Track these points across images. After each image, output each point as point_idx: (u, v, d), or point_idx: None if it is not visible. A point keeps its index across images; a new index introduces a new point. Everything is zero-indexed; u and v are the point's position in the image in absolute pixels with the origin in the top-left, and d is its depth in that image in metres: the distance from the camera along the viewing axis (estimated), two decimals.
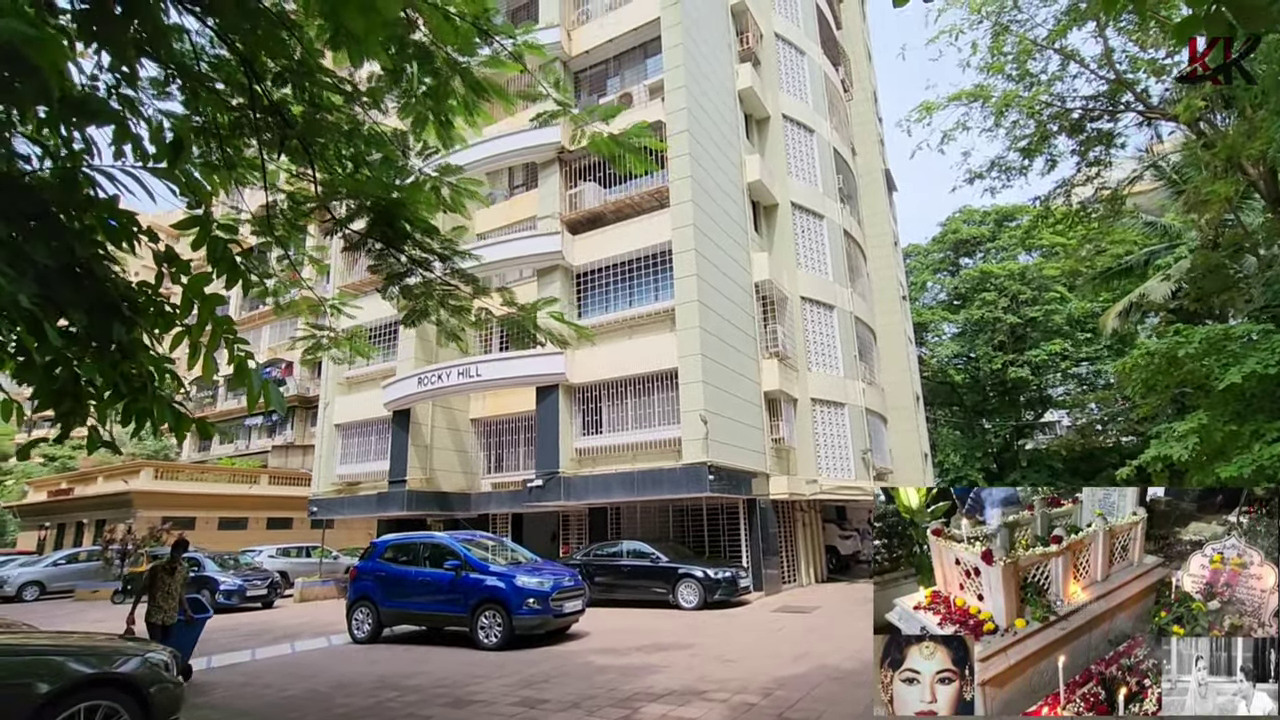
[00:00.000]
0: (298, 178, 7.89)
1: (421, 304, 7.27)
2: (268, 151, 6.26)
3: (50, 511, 31.06)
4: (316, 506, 19.89)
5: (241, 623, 14.01)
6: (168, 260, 4.18)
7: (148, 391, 4.05)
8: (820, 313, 19.83)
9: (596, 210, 16.93)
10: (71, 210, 3.95)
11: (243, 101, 5.87)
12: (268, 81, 5.74)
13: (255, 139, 6.07)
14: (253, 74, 5.62)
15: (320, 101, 6.12)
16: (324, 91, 6.06)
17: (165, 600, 7.53)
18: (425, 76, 5.94)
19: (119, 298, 4.12)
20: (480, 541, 11.50)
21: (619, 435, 15.52)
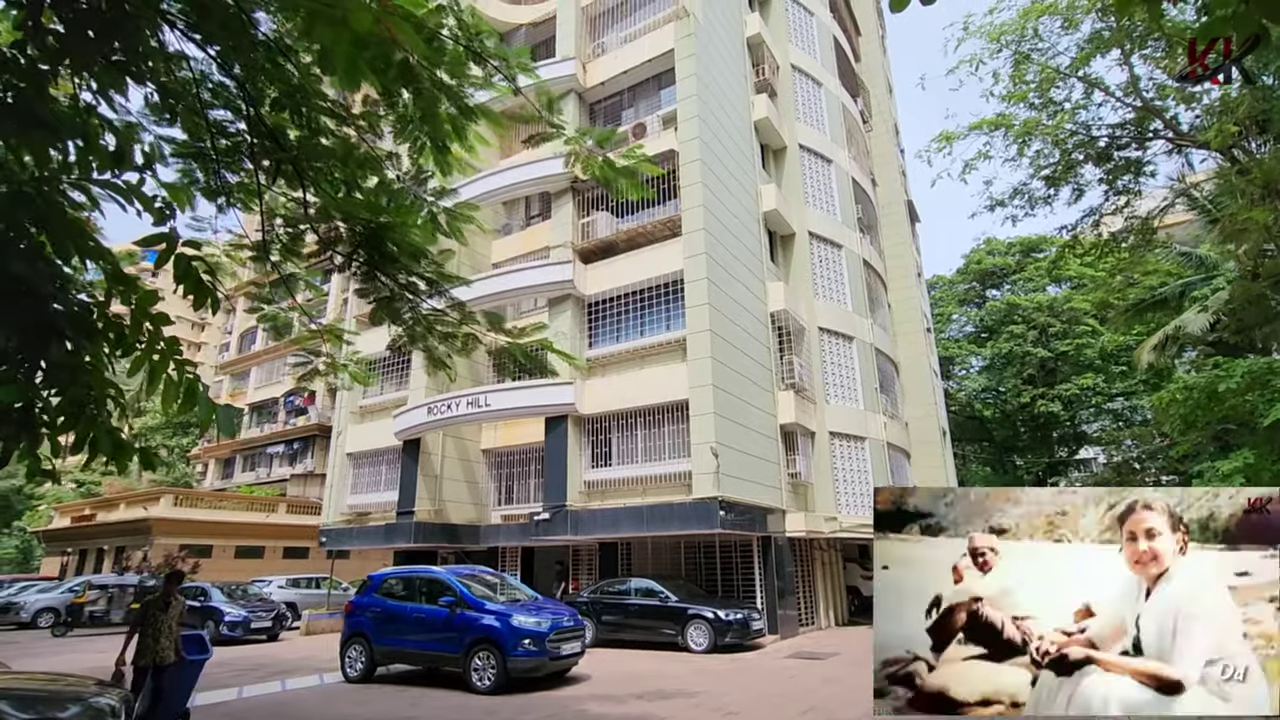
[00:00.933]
0: (293, 202, 7.76)
1: (410, 330, 7.05)
2: (264, 176, 6.17)
3: (73, 537, 31.39)
4: (326, 537, 19.69)
5: (241, 656, 13.71)
6: (115, 279, 4.01)
7: (88, 417, 3.84)
8: (839, 344, 19.35)
9: (609, 239, 16.82)
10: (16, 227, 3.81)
11: (241, 127, 5.82)
12: (265, 106, 5.68)
13: (252, 163, 6.00)
14: (250, 99, 5.55)
15: (316, 126, 6.02)
16: (319, 115, 5.96)
17: (156, 639, 6.65)
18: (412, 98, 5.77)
19: (65, 318, 3.94)
20: (480, 577, 11.11)
21: (628, 468, 15.11)
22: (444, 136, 6.03)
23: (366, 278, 6.70)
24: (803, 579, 17.10)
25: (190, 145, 5.81)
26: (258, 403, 40.09)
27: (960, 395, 40.31)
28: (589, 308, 16.82)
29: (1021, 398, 34.28)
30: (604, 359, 16.22)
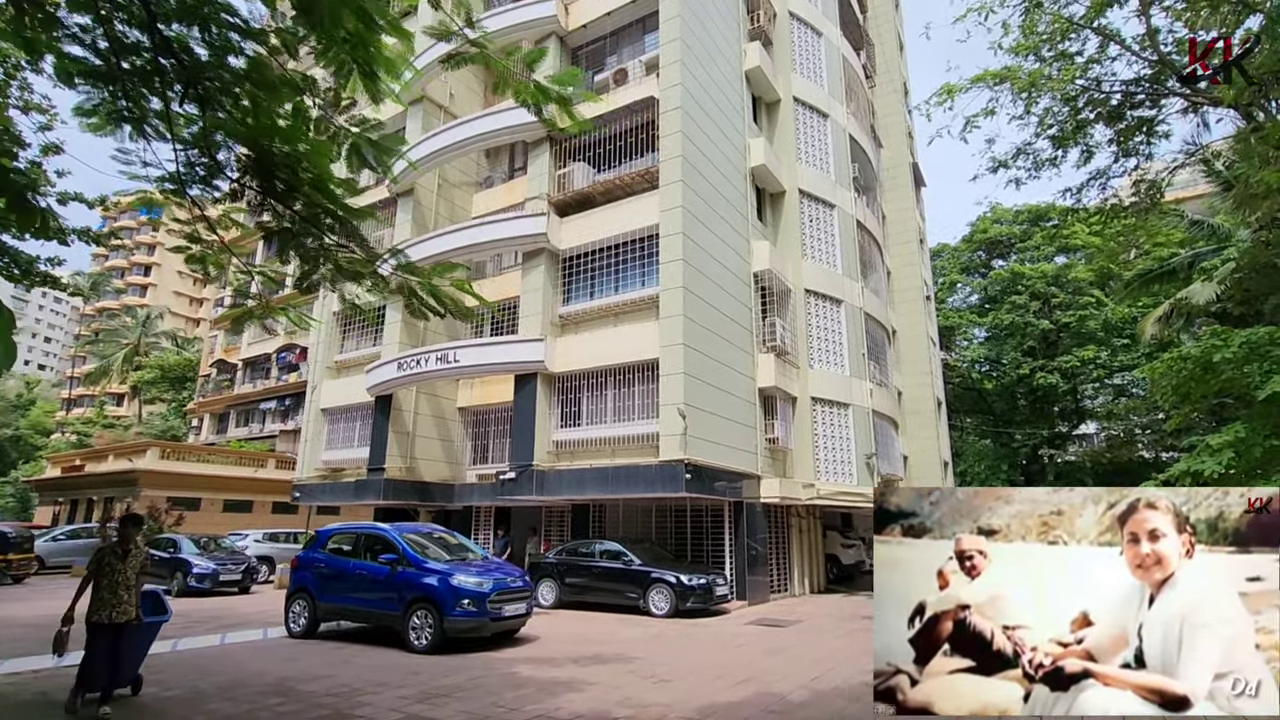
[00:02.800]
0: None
1: (314, 266, 6.52)
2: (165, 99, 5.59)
3: (64, 488, 31.58)
4: (299, 492, 19.52)
5: (200, 608, 13.60)
6: None
7: None
8: (826, 307, 18.70)
9: (585, 191, 16.12)
10: None
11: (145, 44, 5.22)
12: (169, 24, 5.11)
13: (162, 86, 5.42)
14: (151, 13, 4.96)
15: (225, 44, 5.41)
16: (227, 32, 5.33)
17: (113, 592, 5.89)
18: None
19: None
20: (430, 535, 10.79)
21: (598, 429, 14.69)
22: (367, 59, 5.44)
23: (260, 208, 6.15)
24: (777, 546, 16.77)
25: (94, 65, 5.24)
26: (251, 358, 39.88)
27: (960, 366, 39.59)
28: (564, 262, 16.21)
29: (1021, 369, 33.58)
30: (577, 316, 15.69)
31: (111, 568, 5.95)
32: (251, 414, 39.50)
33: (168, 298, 70.02)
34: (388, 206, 20.37)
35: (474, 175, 20.99)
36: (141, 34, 5.16)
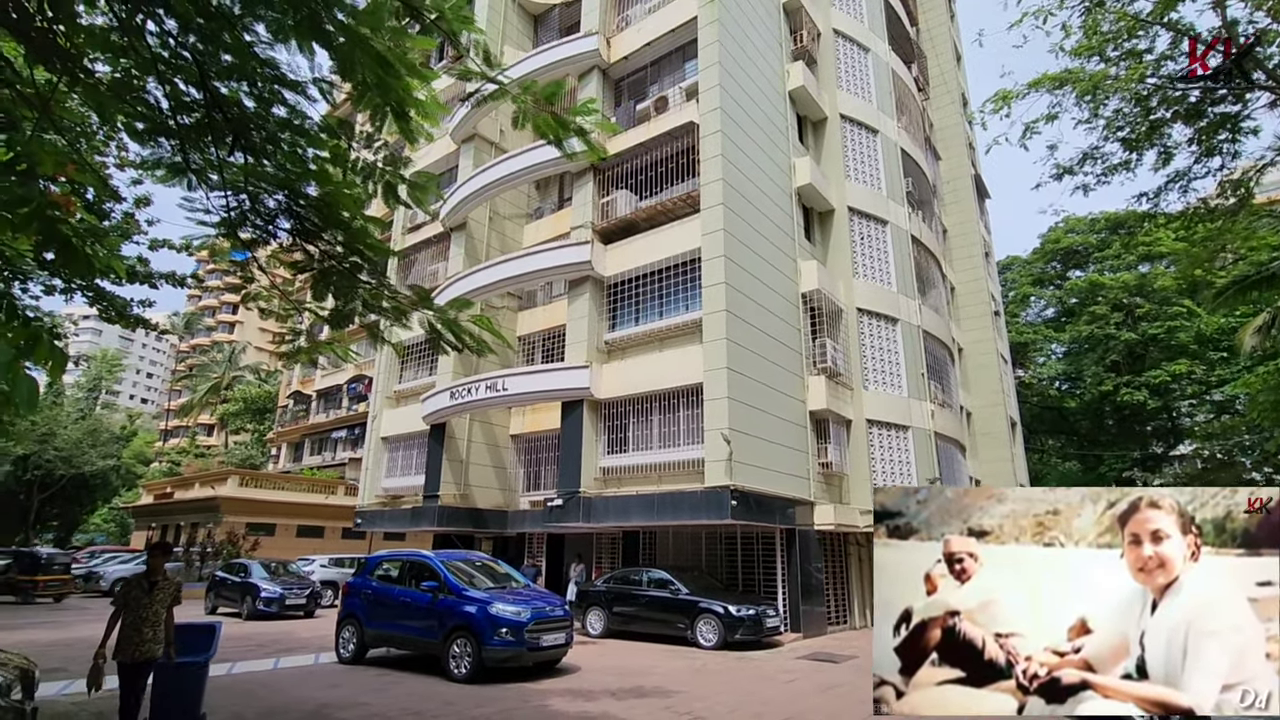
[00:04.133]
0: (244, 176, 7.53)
1: (345, 304, 6.75)
2: (222, 151, 6.00)
3: (157, 513, 33.76)
4: (361, 518, 20.16)
5: (264, 632, 14.12)
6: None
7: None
8: (880, 326, 18.07)
9: (628, 218, 16.23)
10: None
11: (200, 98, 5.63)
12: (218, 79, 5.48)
13: (213, 137, 5.82)
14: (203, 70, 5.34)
15: (269, 96, 5.77)
16: (271, 85, 5.68)
17: (136, 629, 5.38)
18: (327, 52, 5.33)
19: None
20: (474, 563, 10.88)
21: (644, 455, 14.57)
22: (398, 101, 5.67)
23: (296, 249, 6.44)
24: (835, 575, 16.11)
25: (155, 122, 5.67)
26: (324, 389, 41.87)
27: (1037, 384, 37.45)
28: (608, 289, 16.32)
29: (1104, 386, 31.42)
30: (622, 342, 15.71)
31: (137, 602, 5.45)
32: (324, 442, 41.33)
33: (252, 333, 74.66)
34: (442, 241, 21.13)
35: (524, 207, 21.54)
36: (196, 91, 5.55)
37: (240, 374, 54.92)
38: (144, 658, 5.40)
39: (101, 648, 5.25)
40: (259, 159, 6.23)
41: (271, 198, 6.78)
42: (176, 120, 5.87)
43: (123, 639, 5.37)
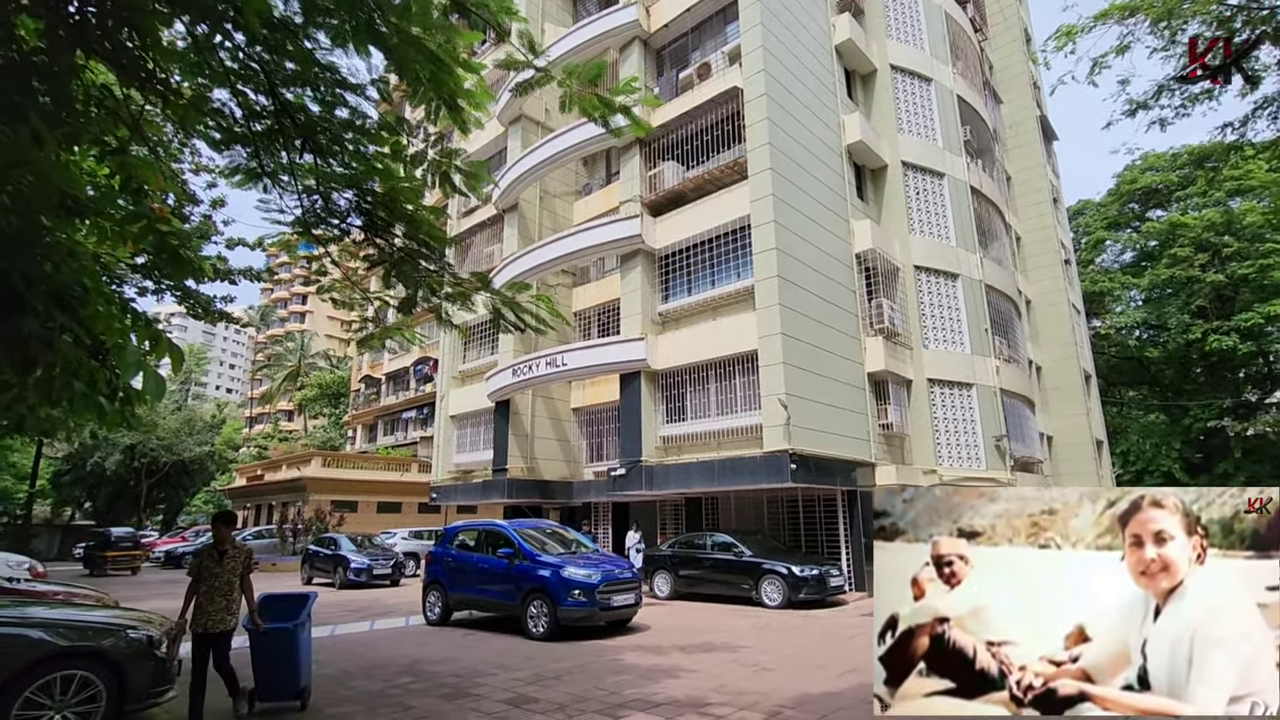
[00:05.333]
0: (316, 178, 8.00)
1: (415, 292, 7.21)
2: (291, 154, 6.49)
3: (250, 494, 36.32)
4: (436, 493, 21.26)
5: (356, 599, 15.25)
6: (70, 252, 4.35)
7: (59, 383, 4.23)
8: (939, 283, 17.62)
9: (676, 189, 16.27)
10: None
11: (270, 106, 6.11)
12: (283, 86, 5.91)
13: (283, 142, 6.31)
14: (270, 79, 5.79)
15: (332, 98, 6.20)
16: (333, 88, 6.10)
17: (210, 599, 5.38)
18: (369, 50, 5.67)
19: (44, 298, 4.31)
20: (545, 530, 11.47)
21: (701, 423, 14.83)
22: (450, 94, 6.00)
23: (368, 244, 6.90)
24: None
25: (230, 131, 6.20)
26: (392, 372, 43.71)
27: (1115, 334, 35.62)
28: (660, 261, 16.47)
29: (1190, 333, 29.63)
30: (676, 312, 15.90)
31: (209, 572, 5.44)
32: (395, 423, 43.31)
33: (322, 322, 78.18)
34: (496, 223, 21.65)
35: (573, 184, 21.79)
36: (266, 99, 6.01)
37: (313, 361, 57.84)
38: (215, 629, 5.36)
39: (181, 617, 5.35)
40: (326, 159, 6.69)
41: (341, 196, 7.27)
42: (249, 128, 6.38)
43: (197, 609, 5.39)
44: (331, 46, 6.00)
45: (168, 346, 4.96)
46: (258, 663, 5.75)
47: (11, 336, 4.07)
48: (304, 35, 5.67)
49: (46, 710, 4.69)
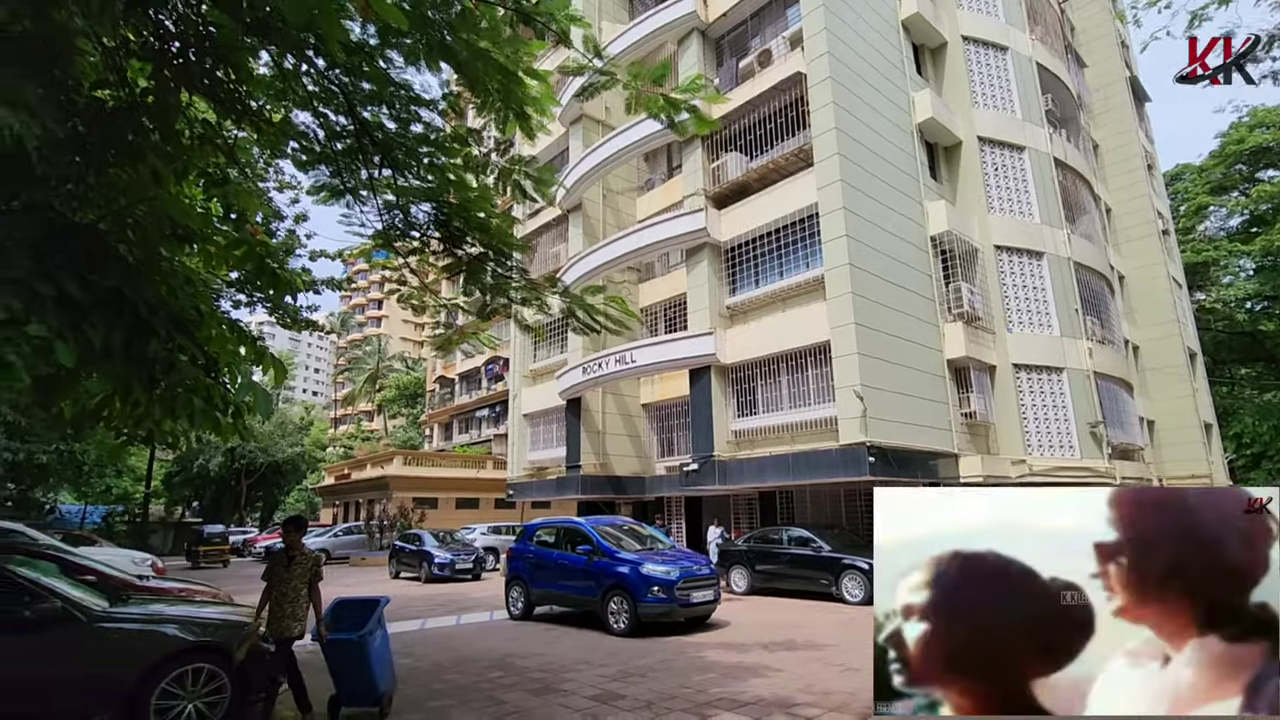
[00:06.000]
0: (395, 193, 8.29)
1: (491, 297, 7.40)
2: (370, 170, 6.81)
3: (338, 492, 38.31)
4: (512, 489, 21.83)
5: (441, 593, 15.86)
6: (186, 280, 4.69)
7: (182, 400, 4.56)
8: (1023, 263, 16.72)
9: (740, 180, 16.05)
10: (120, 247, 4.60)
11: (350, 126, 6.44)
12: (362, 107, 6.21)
13: (363, 159, 6.64)
14: (349, 100, 6.10)
15: (407, 115, 6.47)
16: (408, 105, 6.36)
17: (279, 605, 5.28)
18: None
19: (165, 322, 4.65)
20: (621, 527, 11.60)
21: (774, 416, 14.63)
22: (518, 103, 6.15)
23: (447, 253, 7.13)
24: None
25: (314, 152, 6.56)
26: (465, 372, 45.13)
27: (1223, 308, 32.91)
28: (726, 254, 16.32)
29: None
30: (744, 305, 15.72)
31: (278, 577, 5.34)
32: (470, 422, 44.73)
33: (397, 326, 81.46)
34: (560, 224, 21.96)
35: (635, 181, 21.84)
36: (346, 119, 6.30)
37: (390, 364, 60.38)
38: (282, 635, 5.27)
39: (256, 619, 5.39)
40: (403, 174, 6.96)
41: (419, 209, 7.55)
42: (331, 148, 6.70)
43: (271, 615, 5.31)
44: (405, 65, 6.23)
45: (271, 361, 5.28)
46: (332, 669, 5.60)
47: (139, 358, 4.41)
48: (379, 56, 5.92)
49: (180, 700, 5.09)
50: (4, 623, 4.75)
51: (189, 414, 4.61)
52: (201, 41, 5.16)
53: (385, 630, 5.97)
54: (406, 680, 7.19)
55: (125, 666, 4.93)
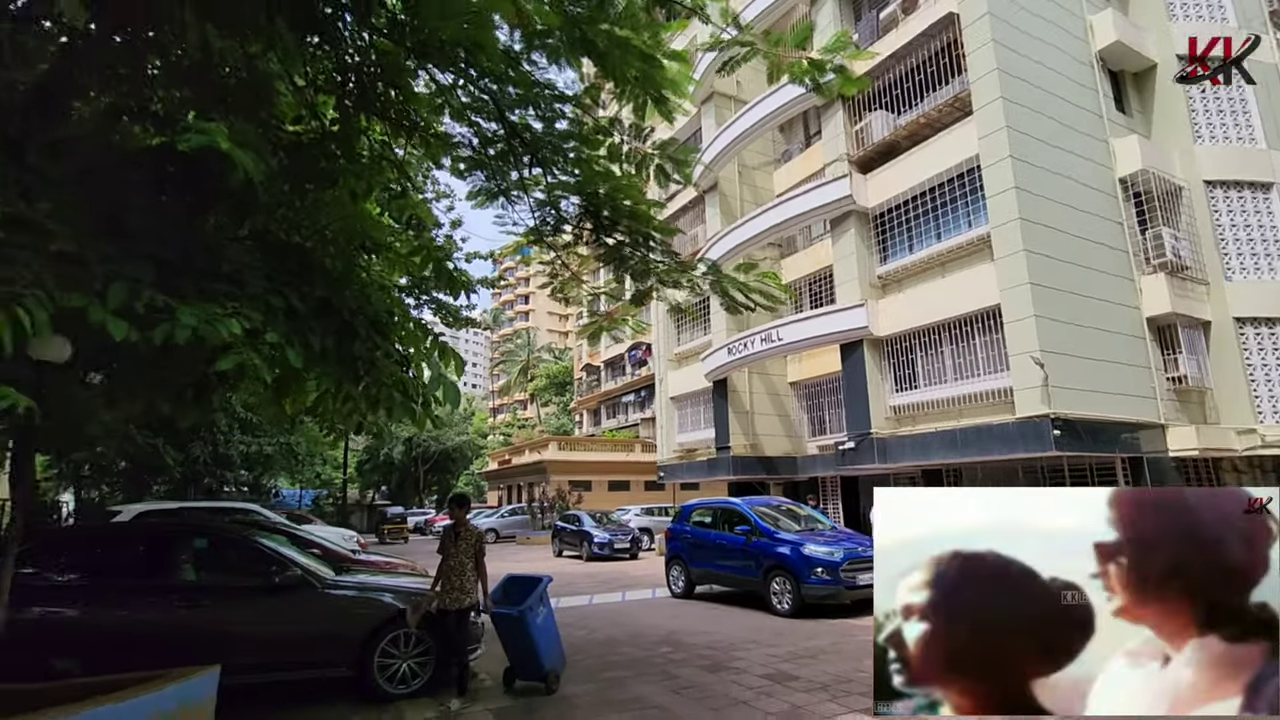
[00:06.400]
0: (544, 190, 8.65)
1: (642, 282, 7.51)
2: (521, 170, 7.25)
3: (501, 476, 41.26)
4: (663, 471, 22.25)
5: (603, 571, 16.58)
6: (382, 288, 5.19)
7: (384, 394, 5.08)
8: (1244, 198, 14.18)
9: (887, 140, 15.00)
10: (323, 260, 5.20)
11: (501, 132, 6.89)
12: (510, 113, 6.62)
13: (514, 161, 7.09)
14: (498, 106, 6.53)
15: (550, 114, 6.80)
16: (551, 103, 6.68)
17: (447, 578, 5.59)
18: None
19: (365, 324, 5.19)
20: (779, 508, 11.44)
21: (937, 389, 13.63)
22: (657, 88, 6.24)
23: (598, 244, 7.35)
24: None
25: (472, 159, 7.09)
26: (610, 359, 46.58)
27: None
28: (874, 220, 15.38)
29: None
30: (898, 273, 14.75)
31: (446, 552, 5.67)
32: (616, 407, 46.19)
33: (543, 318, 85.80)
34: (697, 205, 21.88)
35: (771, 154, 21.21)
36: (497, 125, 6.66)
37: (539, 355, 63.81)
38: (449, 607, 5.54)
39: (431, 589, 5.72)
40: (551, 170, 7.24)
41: (568, 203, 7.83)
42: (485, 153, 7.10)
43: (441, 587, 5.63)
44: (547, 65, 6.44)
45: (453, 355, 5.72)
46: (502, 641, 5.95)
47: (345, 358, 4.97)
48: (524, 60, 6.17)
49: (396, 659, 5.73)
50: (258, 587, 5.60)
51: (389, 406, 5.14)
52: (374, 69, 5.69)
53: (550, 609, 6.18)
54: (581, 649, 7.60)
55: (354, 628, 5.64)
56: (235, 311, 3.88)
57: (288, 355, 4.24)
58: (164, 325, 3.55)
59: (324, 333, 4.70)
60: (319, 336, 4.62)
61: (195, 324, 3.61)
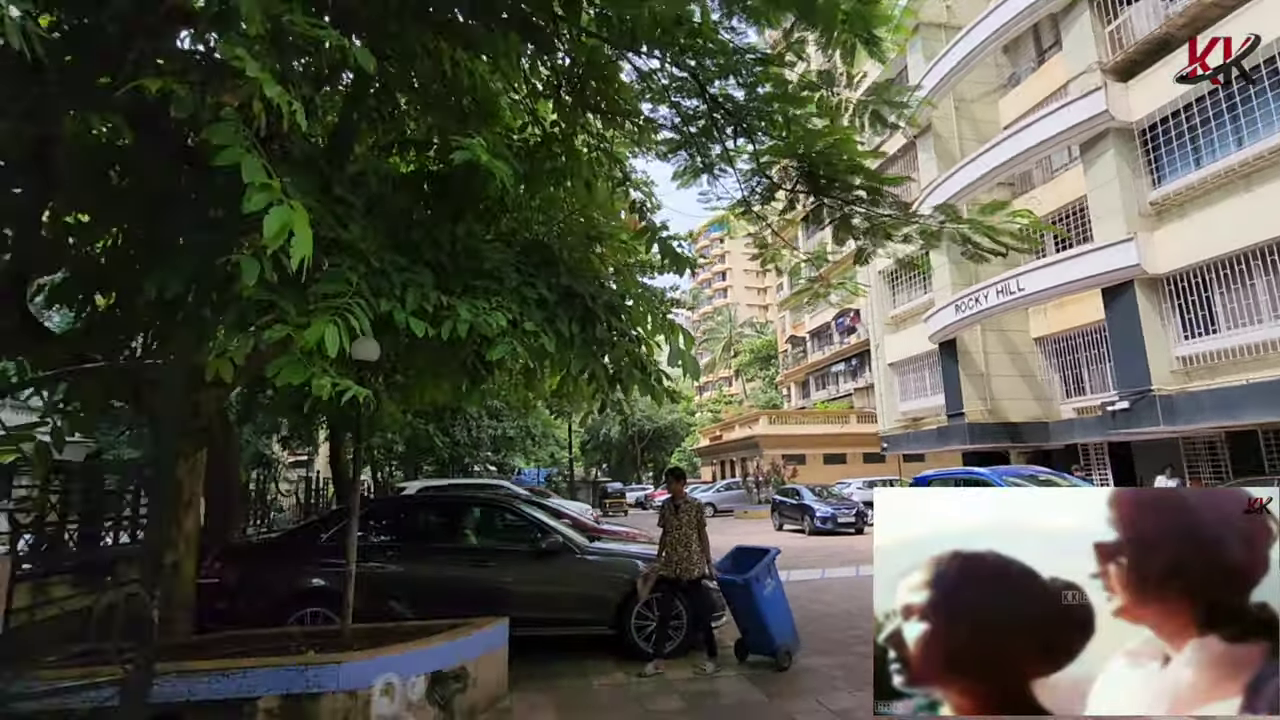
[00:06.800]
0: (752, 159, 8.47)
1: (864, 241, 7.02)
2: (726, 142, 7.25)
3: (713, 452, 42.00)
4: (886, 442, 20.97)
5: (828, 545, 16.10)
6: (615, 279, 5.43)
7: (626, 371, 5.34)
8: None
9: (1157, 36, 12.37)
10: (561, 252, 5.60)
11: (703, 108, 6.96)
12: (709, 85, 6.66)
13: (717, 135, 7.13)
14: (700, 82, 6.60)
15: (754, 78, 6.72)
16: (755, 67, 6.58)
17: (672, 549, 5.72)
18: None
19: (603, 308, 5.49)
20: (1035, 478, 10.14)
21: (1245, 333, 11.06)
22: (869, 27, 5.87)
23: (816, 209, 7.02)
24: None
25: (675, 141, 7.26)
26: (815, 329, 44.93)
27: None
28: (1142, 136, 12.83)
29: None
30: (1179, 196, 12.18)
31: (667, 524, 5.81)
32: (826, 378, 44.47)
33: (740, 294, 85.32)
34: (907, 153, 20.06)
35: (993, 81, 18.68)
36: (698, 101, 6.64)
37: (740, 330, 63.63)
38: (683, 576, 5.64)
39: (657, 560, 5.88)
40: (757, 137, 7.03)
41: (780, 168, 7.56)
42: (687, 131, 7.09)
43: (666, 558, 5.77)
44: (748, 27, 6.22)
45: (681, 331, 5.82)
46: (732, 612, 5.93)
47: (589, 340, 5.30)
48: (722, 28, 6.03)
49: (649, 621, 6.05)
50: (528, 552, 6.25)
51: (632, 384, 5.40)
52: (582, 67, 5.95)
53: (779, 582, 6.02)
54: (820, 621, 7.48)
55: (612, 590, 6.06)
56: (498, 305, 4.31)
57: (543, 341, 4.63)
58: (448, 322, 4.06)
59: (570, 319, 5.07)
60: (566, 323, 4.98)
61: (471, 319, 4.07)
